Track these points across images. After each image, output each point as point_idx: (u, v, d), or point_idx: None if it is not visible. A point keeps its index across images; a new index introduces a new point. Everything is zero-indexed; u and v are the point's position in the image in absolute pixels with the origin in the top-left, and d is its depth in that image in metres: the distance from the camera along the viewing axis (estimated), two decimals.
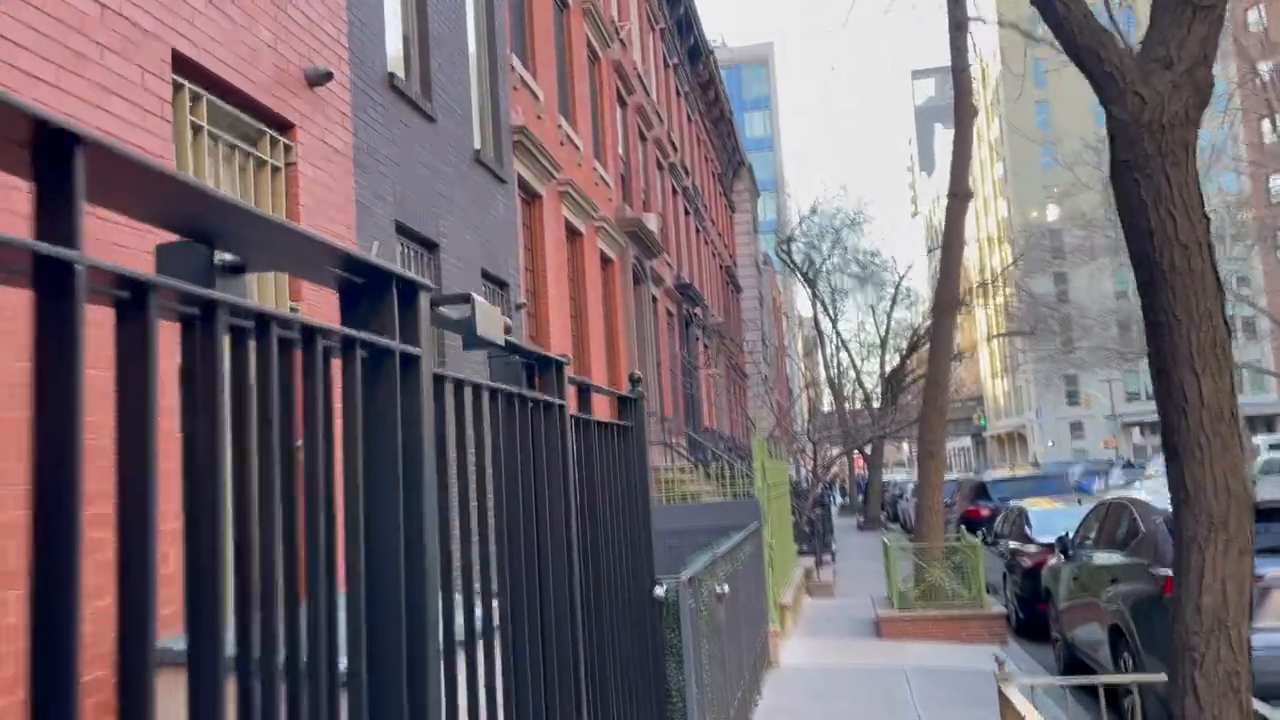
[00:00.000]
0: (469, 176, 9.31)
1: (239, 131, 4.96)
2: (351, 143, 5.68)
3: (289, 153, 5.27)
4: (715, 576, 5.86)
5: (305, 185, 5.25)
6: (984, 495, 17.94)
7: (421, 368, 1.55)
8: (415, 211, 7.87)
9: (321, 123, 5.41)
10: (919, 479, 12.42)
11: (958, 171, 12.26)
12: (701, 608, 5.27)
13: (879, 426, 26.73)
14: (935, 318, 12.32)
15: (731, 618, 6.53)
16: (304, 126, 5.21)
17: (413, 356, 1.52)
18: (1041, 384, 61.70)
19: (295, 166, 5.23)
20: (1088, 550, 8.66)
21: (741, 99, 70.66)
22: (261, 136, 5.08)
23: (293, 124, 5.21)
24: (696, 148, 29.22)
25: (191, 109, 4.39)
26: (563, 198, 13.16)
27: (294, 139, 5.19)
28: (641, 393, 4.60)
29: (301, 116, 5.19)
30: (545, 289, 12.14)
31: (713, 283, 30.56)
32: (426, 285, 1.59)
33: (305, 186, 5.25)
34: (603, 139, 16.54)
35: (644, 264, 18.26)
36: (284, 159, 5.23)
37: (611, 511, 4.16)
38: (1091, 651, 8.13)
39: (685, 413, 22.12)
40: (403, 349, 1.46)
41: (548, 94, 12.96)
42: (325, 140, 5.39)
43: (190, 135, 4.29)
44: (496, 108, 10.43)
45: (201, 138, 4.37)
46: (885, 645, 10.63)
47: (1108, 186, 16.94)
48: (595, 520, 3.83)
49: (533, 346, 2.96)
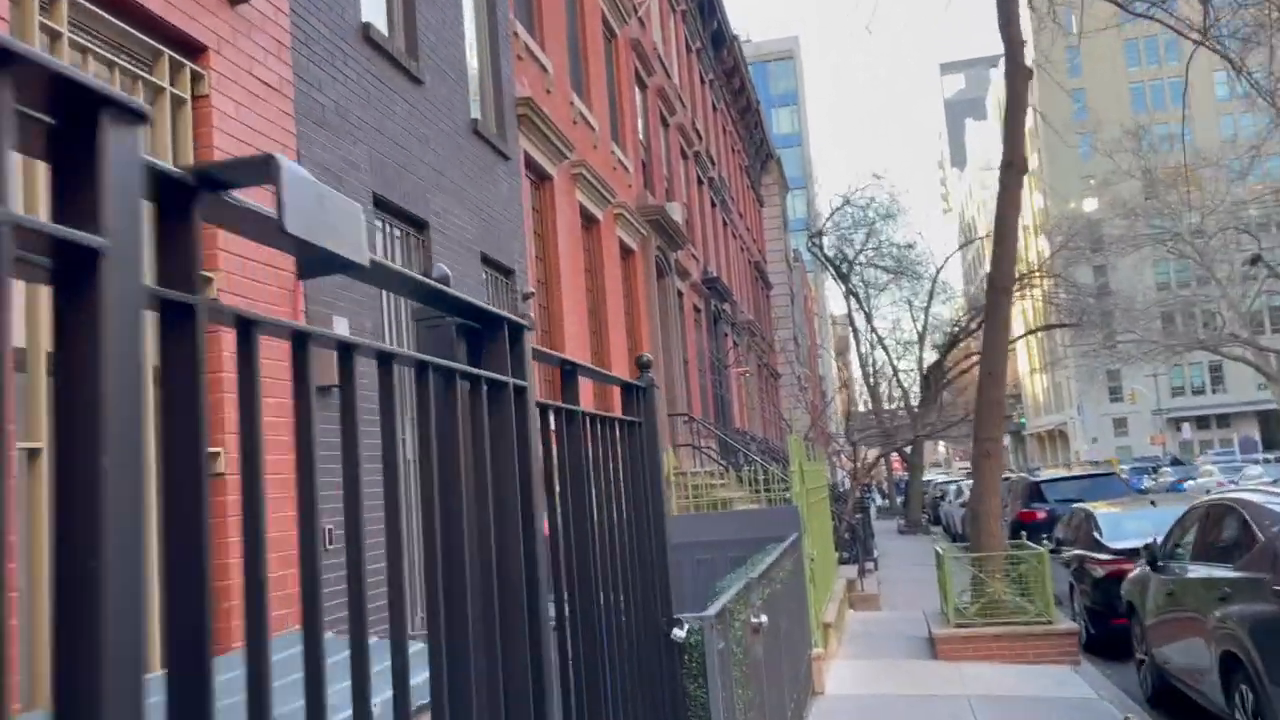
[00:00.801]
0: (465, 150, 8.32)
1: (124, 48, 3.96)
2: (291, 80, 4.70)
3: (198, 82, 4.27)
4: (750, 604, 4.79)
5: (221, 123, 4.22)
6: (1038, 497, 16.64)
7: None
8: (398, 184, 6.88)
9: (247, 50, 4.41)
10: (974, 481, 11.24)
11: (1011, 140, 11.10)
12: (734, 648, 4.20)
13: (922, 425, 25.48)
14: (990, 300, 11.14)
15: (770, 650, 5.46)
16: (221, 51, 4.20)
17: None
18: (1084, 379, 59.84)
19: (208, 99, 4.22)
20: (1183, 560, 7.48)
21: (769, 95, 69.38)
22: (159, 58, 4.07)
23: (205, 47, 4.21)
24: (722, 137, 28.12)
25: (46, 9, 3.41)
26: (576, 181, 12.14)
27: (206, 65, 4.20)
28: (653, 381, 3.54)
29: (219, 40, 4.19)
30: (558, 279, 11.13)
31: (741, 278, 29.43)
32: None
33: (221, 124, 4.22)
34: (621, 121, 15.51)
35: (668, 256, 17.20)
36: (190, 89, 4.23)
37: (610, 531, 3.09)
38: (1192, 679, 6.95)
39: (715, 414, 21.02)
40: None
41: (558, 67, 11.95)
42: (252, 72, 4.40)
43: (42, 44, 3.32)
44: (498, 76, 9.43)
45: (61, 47, 3.39)
46: (942, 668, 9.48)
47: (1148, 174, 15.66)
48: (584, 544, 2.77)
49: (471, 298, 1.91)
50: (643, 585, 3.50)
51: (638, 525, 3.51)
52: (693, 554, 8.72)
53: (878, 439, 23.27)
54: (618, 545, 3.17)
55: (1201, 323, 41.20)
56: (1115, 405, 71.98)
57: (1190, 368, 66.43)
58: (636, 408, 3.58)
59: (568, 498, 2.66)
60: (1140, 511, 11.46)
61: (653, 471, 3.62)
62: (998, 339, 10.92)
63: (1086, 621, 10.48)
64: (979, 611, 10.08)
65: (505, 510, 2.00)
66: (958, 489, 27.96)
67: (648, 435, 3.62)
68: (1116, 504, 12.19)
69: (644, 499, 3.55)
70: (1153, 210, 40.12)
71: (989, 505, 10.66)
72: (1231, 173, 36.71)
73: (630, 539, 3.43)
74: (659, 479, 3.66)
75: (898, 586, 15.43)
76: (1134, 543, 10.19)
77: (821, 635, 9.13)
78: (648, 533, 3.54)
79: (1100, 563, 10.37)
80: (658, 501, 3.64)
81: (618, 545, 3.17)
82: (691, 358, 18.87)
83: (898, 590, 14.97)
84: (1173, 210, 38.96)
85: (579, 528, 2.73)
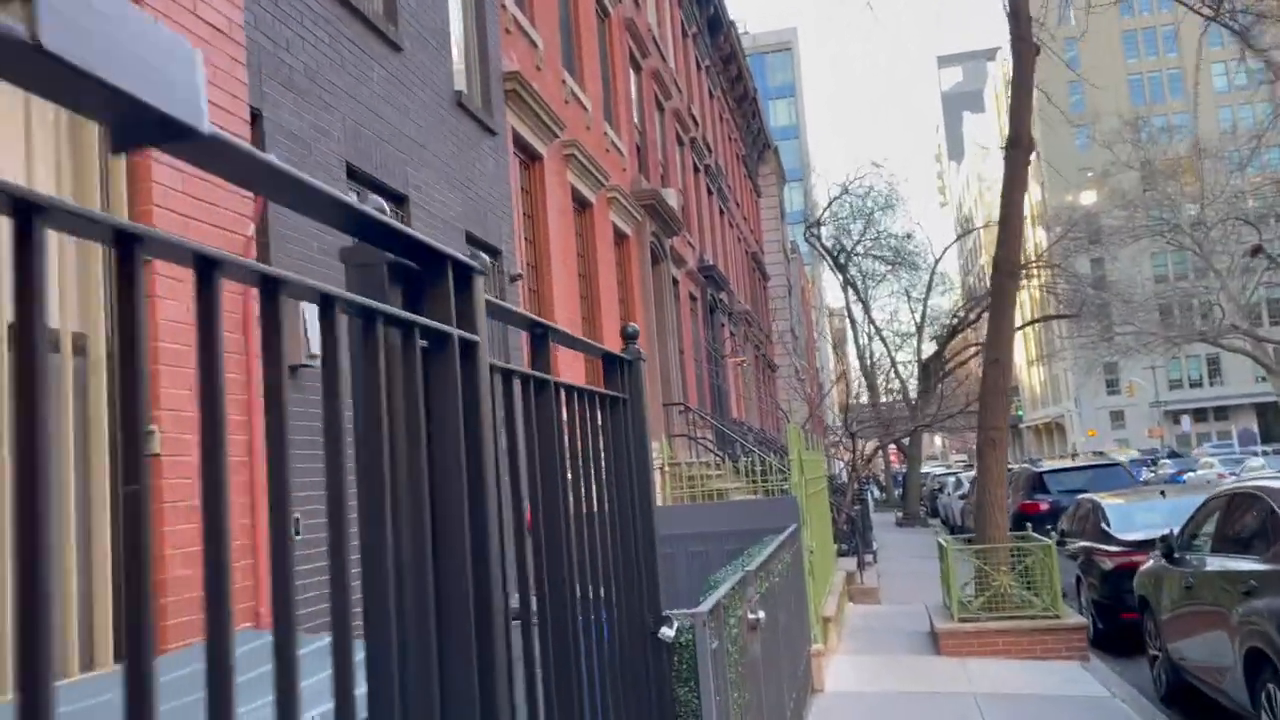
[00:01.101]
0: (449, 122, 7.92)
1: None
2: (241, 24, 4.30)
3: None
4: (746, 599, 4.43)
5: None
6: (1041, 488, 16.29)
7: None
8: (373, 154, 6.49)
9: None
10: (978, 471, 10.88)
11: (1017, 119, 10.71)
12: (729, 647, 3.84)
13: (921, 415, 25.13)
14: (994, 285, 10.77)
15: (769, 647, 5.10)
16: None
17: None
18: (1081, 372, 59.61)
19: None
20: (1201, 552, 7.13)
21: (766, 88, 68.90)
22: None
23: None
24: (719, 125, 27.70)
25: None
26: (568, 161, 11.75)
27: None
28: (640, 353, 3.17)
29: None
30: (549, 262, 10.74)
31: (738, 268, 29.05)
32: None
33: None
34: (614, 102, 15.11)
35: (663, 242, 16.81)
36: None
37: (590, 518, 2.73)
38: (1211, 678, 6.61)
39: (712, 404, 20.65)
40: None
41: (548, 44, 11.55)
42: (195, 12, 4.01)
43: None
44: (484, 48, 9.03)
45: None
46: (947, 664, 9.14)
47: (1147, 164, 15.32)
48: (556, 532, 2.41)
49: (407, 229, 1.56)
50: (627, 579, 3.14)
51: (621, 513, 3.14)
52: (687, 546, 8.37)
53: (875, 430, 22.91)
54: (597, 534, 2.81)
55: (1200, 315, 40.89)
56: (1112, 398, 71.77)
57: (1188, 360, 66.25)
58: (621, 382, 3.22)
59: (537, 479, 2.29)
60: (1149, 502, 11.12)
61: (639, 453, 3.25)
62: (1003, 325, 10.56)
63: (1094, 615, 10.14)
64: (983, 605, 9.74)
65: (448, 492, 1.63)
66: (956, 481, 27.64)
67: (634, 413, 3.25)
68: (1124, 495, 11.85)
69: (629, 484, 3.19)
70: (1151, 201, 39.82)
71: (994, 495, 10.31)
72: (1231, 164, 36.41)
73: (613, 528, 3.07)
74: (646, 462, 3.29)
75: (897, 579, 15.09)
76: (1144, 534, 9.85)
77: (821, 630, 8.78)
78: (633, 521, 3.17)
79: (1109, 555, 10.03)
80: (645, 487, 3.28)
81: (597, 534, 2.81)
82: (687, 347, 18.49)
83: (897, 583, 14.63)
84: (1172, 202, 38.66)
85: (551, 513, 2.37)
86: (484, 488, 1.69)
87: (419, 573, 1.50)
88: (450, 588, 1.58)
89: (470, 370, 1.68)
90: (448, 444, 1.61)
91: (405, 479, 1.47)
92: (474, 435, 1.68)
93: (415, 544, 1.51)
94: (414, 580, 1.49)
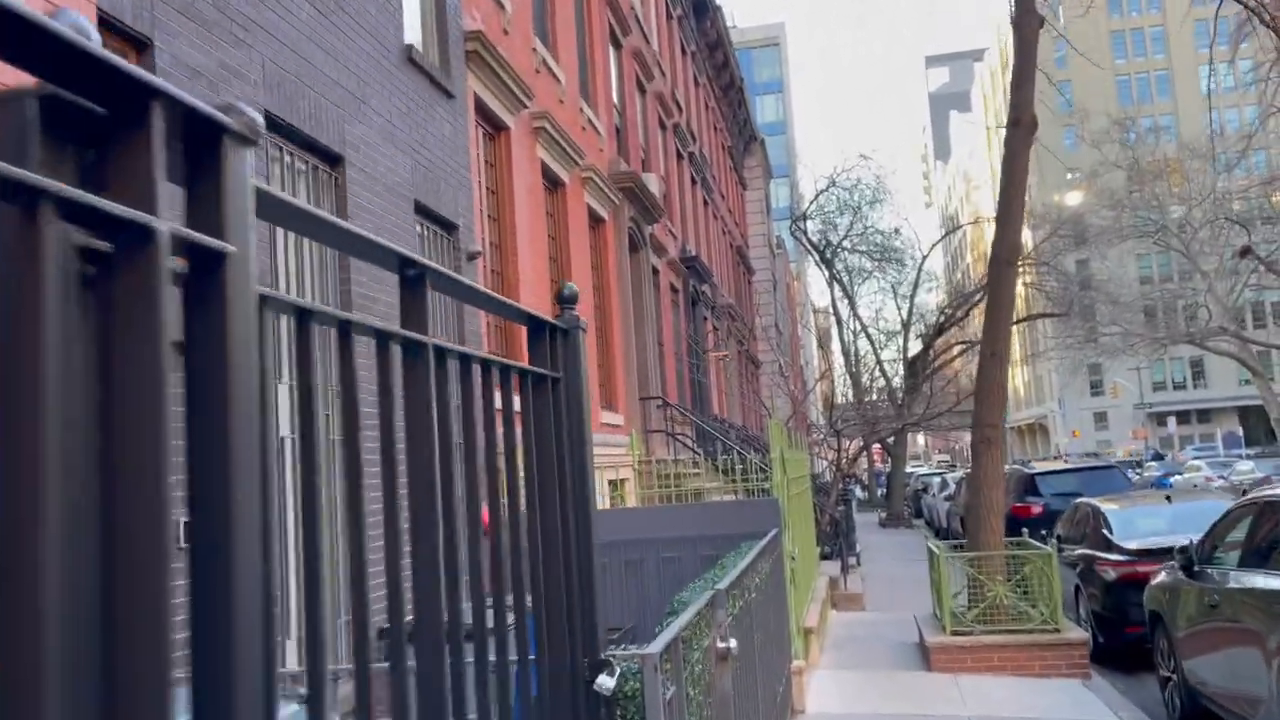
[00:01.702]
0: (395, 78, 7.12)
1: None
2: None
3: None
4: (716, 624, 3.68)
5: None
6: (1033, 490, 15.61)
7: None
8: (300, 104, 5.69)
9: None
10: (972, 471, 10.15)
11: (1019, 96, 9.99)
12: (689, 690, 3.08)
13: (909, 413, 24.47)
14: (992, 274, 10.05)
15: (743, 677, 4.35)
16: None
17: None
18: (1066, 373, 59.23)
19: None
20: (1225, 565, 6.43)
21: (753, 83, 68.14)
22: None
23: None
24: (704, 113, 26.93)
25: None
26: (538, 135, 10.95)
27: None
28: (578, 321, 2.40)
29: None
30: (514, 241, 9.95)
31: (722, 261, 28.30)
32: None
33: None
34: (591, 78, 14.31)
35: (642, 228, 16.03)
36: None
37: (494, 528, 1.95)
38: (1238, 705, 5.90)
39: (692, 399, 19.90)
40: None
41: (519, 6, 10.75)
42: None
43: None
44: (442, 2, 8.22)
45: None
46: (938, 681, 8.42)
47: (1134, 165, 14.56)
48: (427, 543, 1.59)
49: (114, 58, 0.66)
50: (553, 612, 2.36)
51: (547, 522, 2.38)
52: (659, 551, 7.60)
53: (859, 428, 22.20)
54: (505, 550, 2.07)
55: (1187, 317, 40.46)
56: (1096, 399, 71.52)
57: (1172, 362, 66.05)
58: (552, 356, 2.46)
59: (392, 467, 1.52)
60: (1154, 507, 10.45)
61: (575, 447, 2.48)
62: (1001, 317, 9.85)
63: (1095, 629, 9.45)
64: (978, 617, 9.02)
65: (135, 464, 0.86)
66: (942, 481, 26.99)
67: (569, 395, 2.48)
68: (1126, 499, 11.16)
69: (558, 484, 2.42)
70: (1139, 202, 39.40)
71: (989, 499, 9.59)
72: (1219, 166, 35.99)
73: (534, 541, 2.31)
74: (585, 458, 2.52)
75: (882, 584, 14.39)
76: (1150, 542, 9.18)
77: (803, 643, 8.05)
78: (563, 533, 2.40)
79: (1112, 564, 9.35)
80: (582, 489, 2.51)
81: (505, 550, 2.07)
82: (667, 339, 17.73)
83: (882, 588, 13.93)
84: (1159, 202, 38.24)
85: (425, 516, 1.63)
86: (231, 466, 0.93)
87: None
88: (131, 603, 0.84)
89: (210, 297, 0.91)
90: (142, 394, 0.83)
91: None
92: (219, 389, 0.91)
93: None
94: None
